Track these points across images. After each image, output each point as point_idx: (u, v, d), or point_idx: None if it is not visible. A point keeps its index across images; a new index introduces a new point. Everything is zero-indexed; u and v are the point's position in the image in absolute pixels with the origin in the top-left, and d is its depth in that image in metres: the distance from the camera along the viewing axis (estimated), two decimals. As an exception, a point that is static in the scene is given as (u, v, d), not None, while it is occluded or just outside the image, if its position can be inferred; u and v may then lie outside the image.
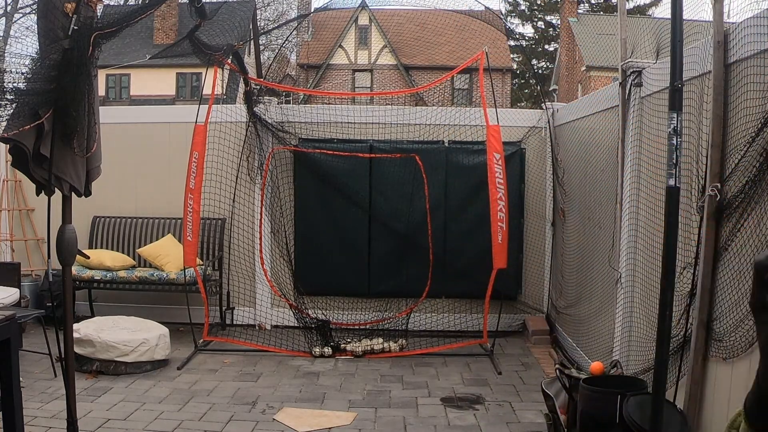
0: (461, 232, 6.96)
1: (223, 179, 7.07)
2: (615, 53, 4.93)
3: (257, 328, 7.15)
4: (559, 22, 29.82)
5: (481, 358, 6.16)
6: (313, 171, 7.10)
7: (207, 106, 6.31)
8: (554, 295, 6.89)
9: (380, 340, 6.36)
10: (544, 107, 7.24)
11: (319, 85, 25.73)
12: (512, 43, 26.49)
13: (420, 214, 6.89)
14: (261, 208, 6.92)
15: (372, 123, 7.08)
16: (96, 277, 6.62)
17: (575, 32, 25.78)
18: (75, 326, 5.26)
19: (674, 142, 2.89)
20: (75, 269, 6.48)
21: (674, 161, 2.88)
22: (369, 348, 6.25)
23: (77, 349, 5.21)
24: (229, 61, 6.44)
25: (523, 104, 31.07)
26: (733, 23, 3.33)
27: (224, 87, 21.63)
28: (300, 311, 6.75)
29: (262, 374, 5.61)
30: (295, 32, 22.43)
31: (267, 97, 7.18)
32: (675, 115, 2.89)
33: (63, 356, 3.45)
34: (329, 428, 4.46)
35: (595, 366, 4.00)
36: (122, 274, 6.66)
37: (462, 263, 6.95)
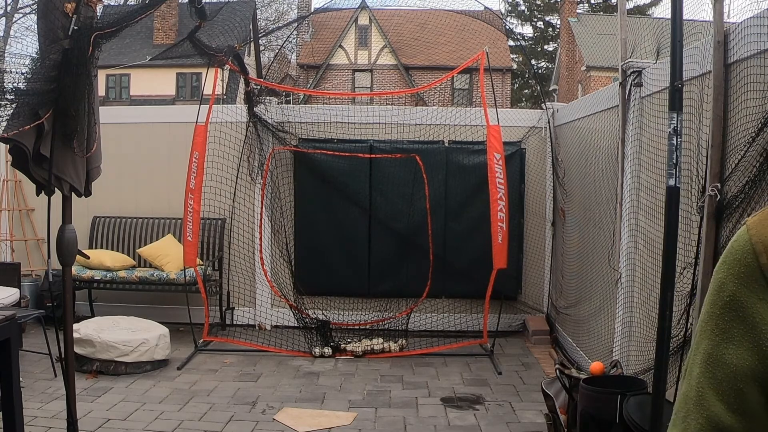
0: (461, 232, 6.96)
1: (223, 179, 7.07)
2: (615, 53, 4.93)
3: (257, 328, 7.15)
4: (558, 22, 29.82)
5: (481, 358, 6.16)
6: (313, 171, 7.10)
7: (207, 106, 6.30)
8: (554, 295, 6.89)
9: (380, 340, 6.36)
10: (544, 107, 7.24)
11: (319, 86, 25.73)
12: (512, 43, 26.49)
13: (420, 214, 6.89)
14: (261, 208, 6.91)
15: (372, 123, 7.08)
16: (96, 277, 6.62)
17: (575, 32, 25.76)
18: (75, 326, 5.26)
19: (674, 142, 2.89)
20: (75, 269, 6.48)
21: (674, 161, 2.88)
22: (369, 348, 6.25)
23: (77, 349, 5.20)
24: (230, 61, 6.44)
25: (523, 104, 31.09)
26: (733, 23, 3.33)
27: (224, 87, 21.63)
28: (300, 311, 6.75)
29: (262, 374, 5.61)
30: (295, 32, 22.43)
31: (267, 98, 7.18)
32: (675, 115, 2.89)
33: (63, 356, 3.45)
34: (329, 428, 4.46)
35: (595, 366, 4.00)
36: (122, 274, 6.66)
37: (462, 263, 6.95)
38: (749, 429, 0.76)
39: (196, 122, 6.17)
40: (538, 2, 32.89)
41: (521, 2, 33.10)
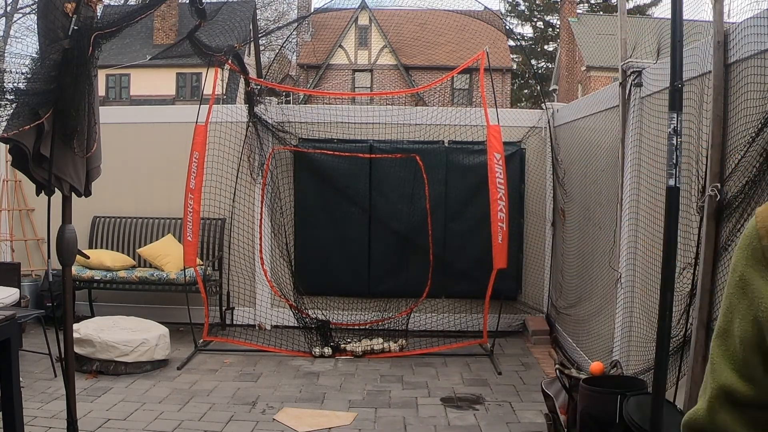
0: (461, 232, 6.96)
1: (223, 179, 7.07)
2: (615, 53, 4.93)
3: (257, 328, 7.15)
4: (558, 22, 29.81)
5: (481, 358, 6.16)
6: (313, 171, 7.10)
7: (207, 106, 6.30)
8: (554, 295, 6.89)
9: (380, 340, 6.36)
10: (544, 107, 7.24)
11: (319, 85, 25.72)
12: (512, 43, 26.50)
13: (420, 214, 6.89)
14: (261, 208, 6.91)
15: (372, 123, 7.08)
16: (96, 277, 6.62)
17: (575, 32, 25.75)
18: (75, 326, 5.26)
19: (674, 142, 2.89)
20: (75, 269, 6.48)
21: (674, 161, 2.88)
22: (369, 348, 6.25)
23: (77, 349, 5.20)
24: (230, 61, 6.44)
25: (523, 104, 31.08)
26: (733, 23, 3.33)
27: (224, 87, 21.63)
28: (300, 311, 6.75)
29: (262, 374, 5.61)
30: (295, 32, 22.42)
31: (267, 98, 7.18)
32: (675, 115, 2.89)
33: (63, 356, 3.45)
34: (329, 428, 4.46)
35: (595, 366, 4.00)
36: (122, 274, 6.66)
37: (462, 263, 6.94)
38: (758, 395, 0.85)
39: (196, 122, 6.17)
40: (538, 2, 32.88)
41: (521, 2, 33.10)
